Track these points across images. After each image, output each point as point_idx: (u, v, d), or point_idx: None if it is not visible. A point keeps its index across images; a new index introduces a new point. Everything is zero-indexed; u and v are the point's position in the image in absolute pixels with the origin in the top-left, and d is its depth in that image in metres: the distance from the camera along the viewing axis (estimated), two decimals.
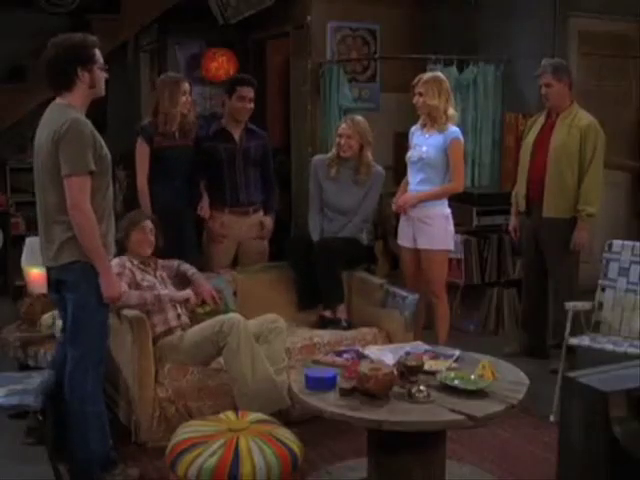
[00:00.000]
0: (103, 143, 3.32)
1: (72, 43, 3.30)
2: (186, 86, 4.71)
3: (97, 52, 3.35)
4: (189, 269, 4.37)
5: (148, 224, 4.21)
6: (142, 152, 4.65)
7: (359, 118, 4.83)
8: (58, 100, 3.34)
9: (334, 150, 4.84)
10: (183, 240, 4.71)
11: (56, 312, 4.04)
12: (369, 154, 4.78)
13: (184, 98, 4.68)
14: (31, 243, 4.49)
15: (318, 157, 5.03)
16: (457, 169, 4.57)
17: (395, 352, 3.44)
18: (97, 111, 3.55)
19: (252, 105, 4.86)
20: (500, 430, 3.95)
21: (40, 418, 3.56)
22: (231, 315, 3.94)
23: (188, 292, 4.17)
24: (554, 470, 2.25)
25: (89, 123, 3.27)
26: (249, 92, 4.83)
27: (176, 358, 3.93)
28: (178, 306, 4.14)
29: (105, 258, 3.32)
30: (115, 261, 3.78)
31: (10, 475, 3.55)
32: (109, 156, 3.36)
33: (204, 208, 4.82)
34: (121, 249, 4.03)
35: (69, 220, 3.22)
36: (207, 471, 3.03)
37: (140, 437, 3.82)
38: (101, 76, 3.36)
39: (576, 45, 6.11)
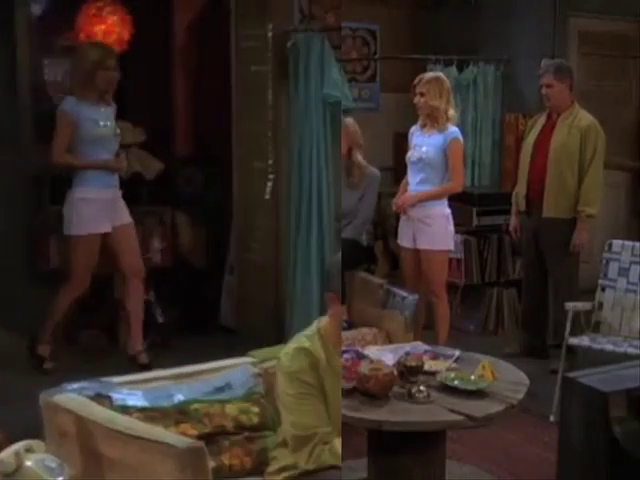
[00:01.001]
0: None
1: None
2: None
3: None
4: None
5: None
6: None
7: (348, 120, 4.74)
8: None
9: None
10: None
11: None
12: (359, 156, 4.69)
13: None
14: None
15: None
16: (457, 169, 4.56)
17: (395, 352, 3.43)
18: None
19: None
20: (500, 430, 3.94)
21: None
22: None
23: None
24: (554, 470, 2.26)
25: None
26: None
27: None
28: None
29: None
30: None
31: None
32: None
33: None
34: None
35: None
36: None
37: None
38: None
39: (576, 45, 6.12)
